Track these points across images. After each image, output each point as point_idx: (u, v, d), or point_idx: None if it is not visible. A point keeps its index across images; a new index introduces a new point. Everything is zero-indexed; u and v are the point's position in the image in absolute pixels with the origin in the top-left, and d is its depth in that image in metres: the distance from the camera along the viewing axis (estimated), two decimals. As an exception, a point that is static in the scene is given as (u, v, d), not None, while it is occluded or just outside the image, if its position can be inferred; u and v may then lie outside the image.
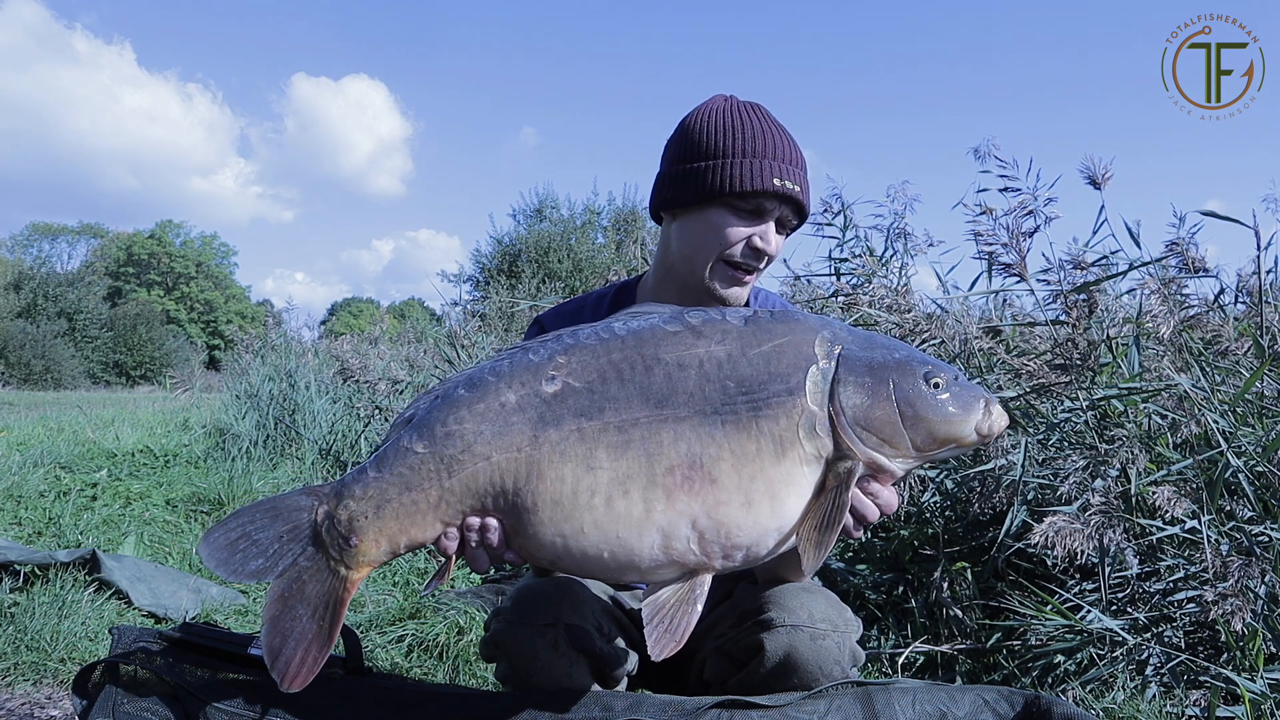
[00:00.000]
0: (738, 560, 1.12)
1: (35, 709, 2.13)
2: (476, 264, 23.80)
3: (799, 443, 1.11)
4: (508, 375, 1.16)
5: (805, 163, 1.59)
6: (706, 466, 1.09)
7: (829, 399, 1.13)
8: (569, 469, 1.10)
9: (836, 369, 1.15)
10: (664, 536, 1.10)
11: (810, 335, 1.18)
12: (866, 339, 1.20)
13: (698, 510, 1.09)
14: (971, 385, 1.18)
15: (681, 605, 1.11)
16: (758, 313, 1.21)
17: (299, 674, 1.16)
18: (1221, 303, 2.82)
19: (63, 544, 3.70)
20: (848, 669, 1.43)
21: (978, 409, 1.16)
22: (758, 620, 1.43)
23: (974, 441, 1.17)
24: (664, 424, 1.10)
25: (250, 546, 1.17)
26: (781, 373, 1.13)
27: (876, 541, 2.77)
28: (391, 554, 1.18)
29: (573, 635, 1.45)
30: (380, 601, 3.04)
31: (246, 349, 7.89)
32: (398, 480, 1.15)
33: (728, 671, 1.50)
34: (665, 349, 1.14)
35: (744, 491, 1.09)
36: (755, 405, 1.11)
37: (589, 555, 1.12)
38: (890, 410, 1.13)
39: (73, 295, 47.52)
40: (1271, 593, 1.94)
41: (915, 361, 1.18)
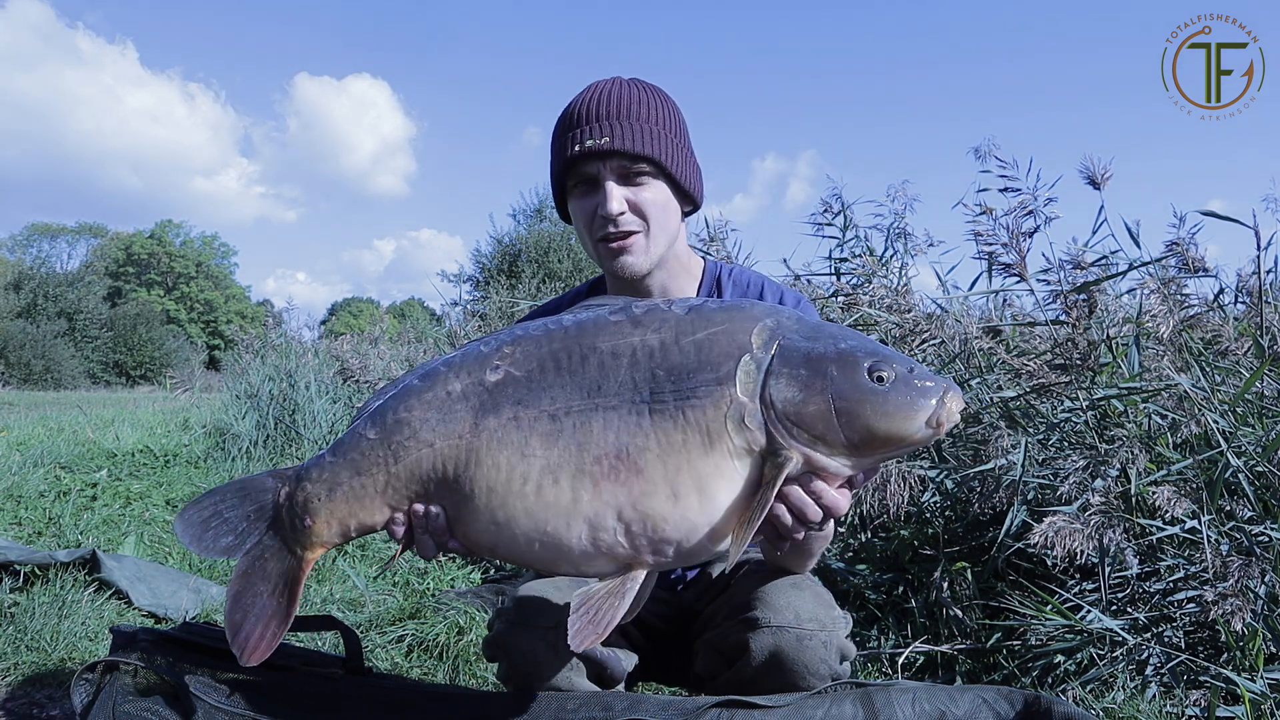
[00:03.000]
0: (669, 555, 1.09)
1: (35, 709, 2.13)
2: (477, 264, 23.82)
3: (727, 435, 1.06)
4: (457, 365, 1.17)
5: (637, 111, 1.51)
6: (633, 456, 1.06)
7: (760, 390, 1.07)
8: (504, 456, 1.10)
9: (772, 359, 1.09)
10: (591, 527, 1.07)
11: (750, 324, 1.11)
12: (815, 329, 1.13)
13: (623, 501, 1.06)
14: (925, 377, 1.08)
15: (609, 598, 1.08)
16: (707, 302, 1.16)
17: (257, 648, 1.19)
18: (1221, 303, 2.82)
19: (63, 544, 3.70)
20: (835, 666, 1.43)
21: (926, 405, 1.07)
22: (744, 619, 1.44)
23: (925, 438, 1.08)
24: (595, 413, 1.08)
25: (221, 524, 1.21)
26: (712, 361, 1.09)
27: (876, 541, 2.77)
28: (343, 536, 1.20)
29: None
30: (380, 601, 3.04)
31: (246, 349, 7.88)
32: (349, 465, 1.18)
33: (718, 667, 1.51)
34: (602, 338, 1.12)
35: (670, 483, 1.06)
36: (683, 395, 1.07)
37: (521, 544, 1.11)
38: (824, 405, 1.06)
39: (73, 295, 47.51)
40: (1271, 593, 1.94)
41: (861, 353, 1.09)
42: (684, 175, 1.55)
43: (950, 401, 1.07)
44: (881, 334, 3.05)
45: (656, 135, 1.51)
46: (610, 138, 1.48)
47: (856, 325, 3.20)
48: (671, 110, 1.56)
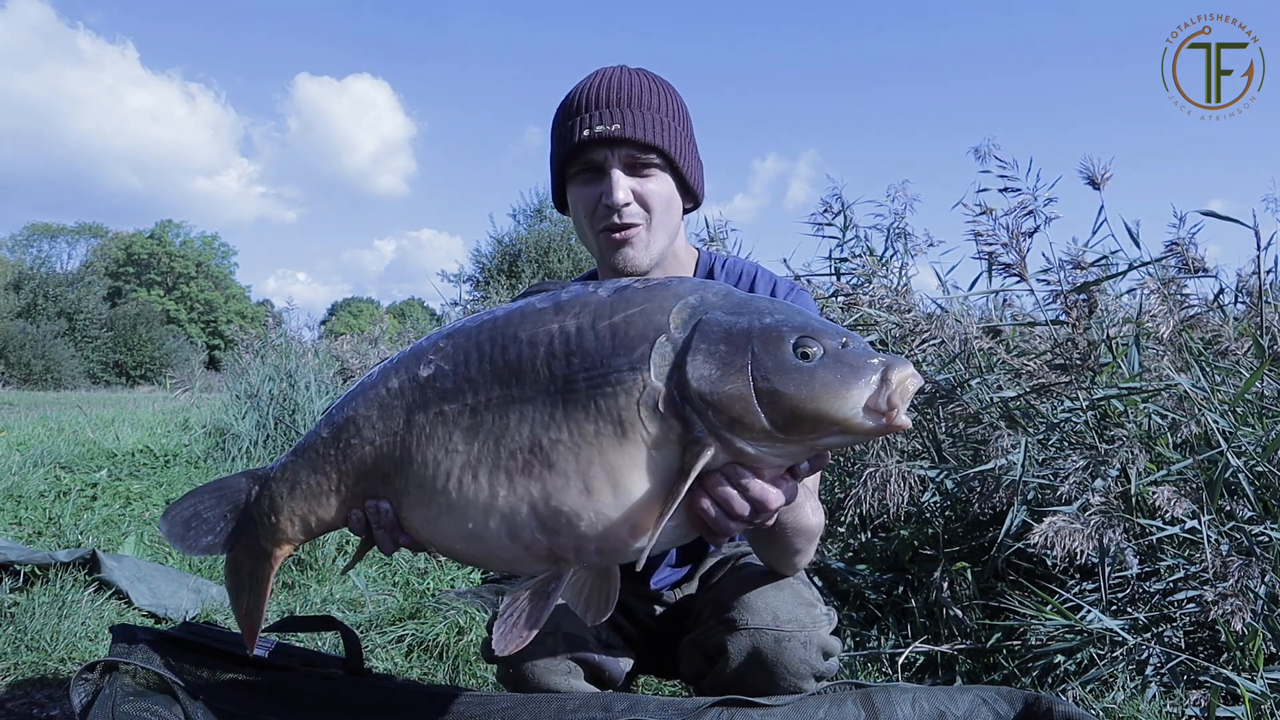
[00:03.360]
0: (590, 553, 1.01)
1: (35, 709, 2.13)
2: (477, 264, 23.81)
3: (640, 423, 0.97)
4: (399, 361, 1.15)
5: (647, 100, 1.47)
6: (545, 450, 1.00)
7: (675, 372, 0.97)
8: (431, 452, 1.07)
9: (689, 338, 0.98)
10: (508, 524, 1.02)
11: (670, 302, 1.02)
12: (742, 304, 1.02)
13: (537, 497, 1.00)
14: (862, 354, 0.96)
15: (534, 598, 1.03)
16: (634, 282, 1.08)
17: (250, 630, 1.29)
18: (1221, 303, 2.82)
19: (63, 544, 3.70)
20: (817, 665, 1.44)
21: (862, 383, 0.92)
22: (723, 620, 1.45)
23: (862, 423, 0.93)
24: (511, 405, 1.03)
25: (201, 524, 1.25)
26: (627, 345, 0.99)
27: (876, 541, 2.77)
28: (306, 534, 1.22)
29: (571, 644, 1.46)
30: (380, 602, 3.04)
31: (246, 349, 7.88)
32: (306, 463, 1.19)
33: (702, 667, 1.52)
34: (524, 327, 1.06)
35: (583, 477, 0.98)
36: (595, 382, 0.99)
37: (450, 541, 1.08)
38: (742, 384, 0.94)
39: (73, 295, 47.53)
40: (1271, 593, 1.94)
41: (788, 327, 0.97)
42: (689, 170, 1.52)
43: (895, 380, 0.92)
44: (881, 334, 3.05)
45: (666, 126, 1.47)
46: (621, 125, 1.43)
47: (856, 325, 3.20)
48: (679, 103, 1.53)
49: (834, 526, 2.93)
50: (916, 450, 2.84)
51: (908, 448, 2.85)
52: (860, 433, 0.95)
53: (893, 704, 1.39)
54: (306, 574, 3.36)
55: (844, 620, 2.54)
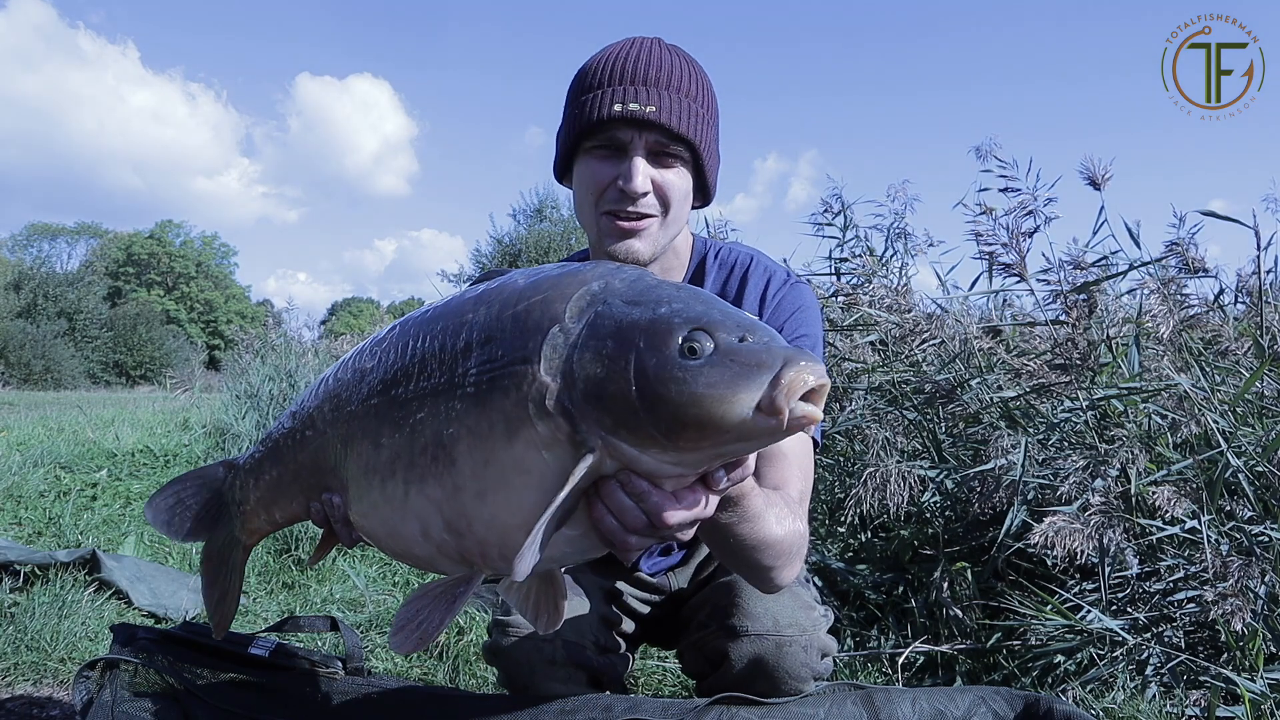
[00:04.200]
0: (493, 559, 0.93)
1: (35, 709, 2.13)
2: (476, 264, 23.84)
3: (529, 422, 0.87)
4: (354, 354, 1.12)
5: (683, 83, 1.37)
6: (448, 447, 0.93)
7: (564, 367, 0.87)
8: (364, 446, 1.03)
9: (582, 331, 0.88)
10: (421, 524, 0.97)
11: (571, 289, 0.91)
12: (645, 291, 0.90)
13: (440, 497, 0.94)
14: (760, 349, 0.82)
15: (436, 602, 0.97)
16: (556, 266, 1.00)
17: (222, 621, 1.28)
18: (1221, 303, 2.82)
19: (63, 544, 3.70)
20: (816, 666, 1.44)
21: (750, 384, 0.79)
22: (724, 625, 1.45)
23: (760, 426, 0.79)
24: (425, 399, 0.96)
25: (184, 511, 1.27)
26: (522, 337, 0.90)
27: (876, 541, 2.77)
28: (271, 525, 1.23)
29: (570, 651, 1.47)
30: (380, 602, 3.04)
31: (246, 349, 7.89)
32: (269, 455, 1.20)
33: (704, 669, 1.52)
34: (446, 318, 0.99)
35: (479, 478, 0.91)
36: (491, 376, 0.91)
37: (378, 537, 1.05)
38: (624, 385, 0.83)
39: (73, 295, 47.56)
40: (1271, 593, 1.94)
41: (679, 319, 0.84)
42: (710, 168, 1.44)
43: (791, 380, 0.78)
44: (881, 334, 3.05)
45: (700, 119, 1.38)
46: (657, 108, 1.33)
47: (856, 325, 3.20)
48: (713, 94, 1.44)
49: (834, 527, 2.93)
50: (916, 450, 2.84)
51: (908, 448, 2.85)
52: (756, 438, 0.82)
53: (893, 703, 1.39)
54: (306, 574, 3.36)
55: (844, 620, 2.54)
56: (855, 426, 2.96)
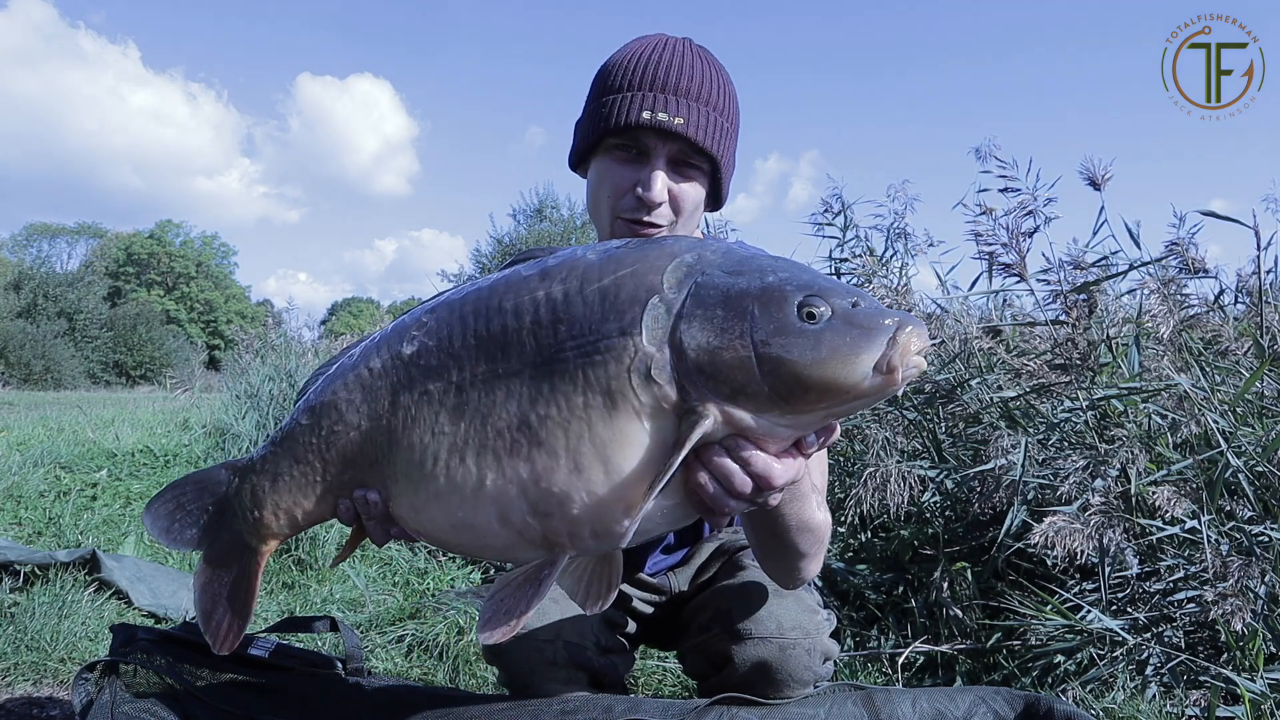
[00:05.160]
0: (585, 537, 0.94)
1: (35, 709, 2.13)
2: (476, 264, 23.84)
3: (632, 393, 0.89)
4: (380, 339, 1.07)
5: (712, 95, 1.39)
6: (534, 428, 0.92)
7: (670, 337, 0.89)
8: (418, 435, 0.99)
9: (685, 300, 0.90)
10: (499, 509, 0.95)
11: (664, 261, 0.93)
12: (743, 262, 0.93)
13: (526, 478, 0.93)
14: (874, 313, 0.88)
15: (523, 586, 0.96)
16: (628, 243, 1.00)
17: (228, 637, 1.15)
18: (1221, 303, 2.82)
19: (63, 544, 3.70)
20: (819, 669, 1.44)
21: (870, 346, 0.85)
22: (727, 628, 1.44)
23: (874, 386, 0.86)
24: (498, 380, 0.95)
25: (185, 517, 1.18)
26: (617, 309, 0.91)
27: (876, 541, 2.77)
28: (292, 527, 1.15)
29: (571, 652, 1.46)
30: (380, 602, 3.04)
31: (246, 349, 7.89)
32: (287, 454, 1.11)
33: (707, 671, 1.52)
34: (509, 296, 0.97)
35: (572, 455, 0.90)
36: (584, 351, 0.91)
37: (440, 530, 1.01)
38: (742, 350, 0.86)
39: (73, 295, 47.57)
40: (1271, 593, 1.94)
41: (791, 286, 0.88)
42: (726, 179, 1.47)
43: (905, 341, 0.85)
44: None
45: (724, 132, 1.41)
46: (685, 120, 1.35)
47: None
48: (737, 103, 1.45)
49: (834, 526, 2.93)
50: (916, 450, 2.84)
51: (908, 448, 2.85)
52: (870, 397, 0.88)
53: (893, 703, 1.39)
54: (306, 574, 3.36)
55: (844, 620, 2.54)
56: (855, 426, 2.96)
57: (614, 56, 1.45)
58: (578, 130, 1.51)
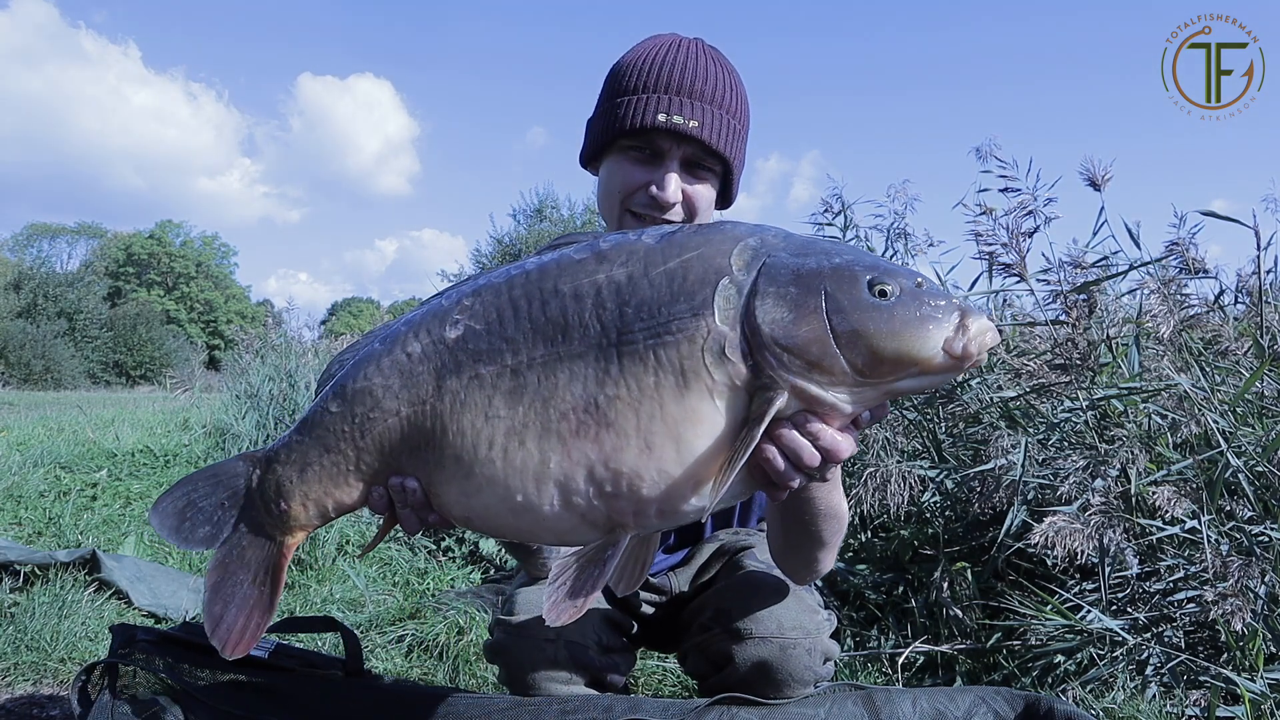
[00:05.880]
0: (652, 515, 0.96)
1: (35, 709, 2.13)
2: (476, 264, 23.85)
3: (705, 371, 0.92)
4: (417, 323, 1.06)
5: (724, 98, 1.42)
6: (602, 408, 0.94)
7: (743, 316, 0.93)
8: (469, 420, 0.99)
9: (755, 280, 0.94)
10: (563, 491, 0.96)
11: (729, 244, 0.97)
12: (805, 245, 0.98)
13: (594, 459, 0.94)
14: (936, 295, 0.94)
15: (587, 565, 0.97)
16: (683, 227, 1.02)
17: (240, 641, 1.10)
18: (1221, 303, 2.82)
19: (63, 544, 3.70)
20: (819, 669, 1.44)
21: (944, 322, 0.91)
22: (728, 628, 1.44)
23: (943, 364, 0.92)
24: (559, 363, 0.96)
25: (196, 514, 1.13)
26: (686, 291, 0.94)
27: (876, 541, 2.77)
28: (322, 518, 1.12)
29: (572, 651, 1.47)
30: (380, 602, 3.04)
31: (246, 349, 7.89)
32: (316, 442, 1.09)
33: (707, 670, 1.52)
34: (565, 279, 0.99)
35: (643, 434, 0.93)
36: (654, 332, 0.94)
37: (494, 515, 1.01)
38: (818, 325, 0.91)
39: (73, 295, 47.58)
40: (1271, 593, 1.94)
41: (860, 266, 0.94)
42: (736, 180, 1.49)
43: (972, 325, 0.91)
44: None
45: (736, 135, 1.43)
46: (700, 124, 1.38)
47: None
48: (748, 104, 1.48)
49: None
50: (916, 450, 2.84)
51: (908, 448, 2.85)
52: (937, 373, 0.93)
53: (893, 703, 1.39)
54: (306, 574, 3.36)
55: (844, 620, 2.54)
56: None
57: (627, 56, 1.47)
58: (590, 129, 1.52)
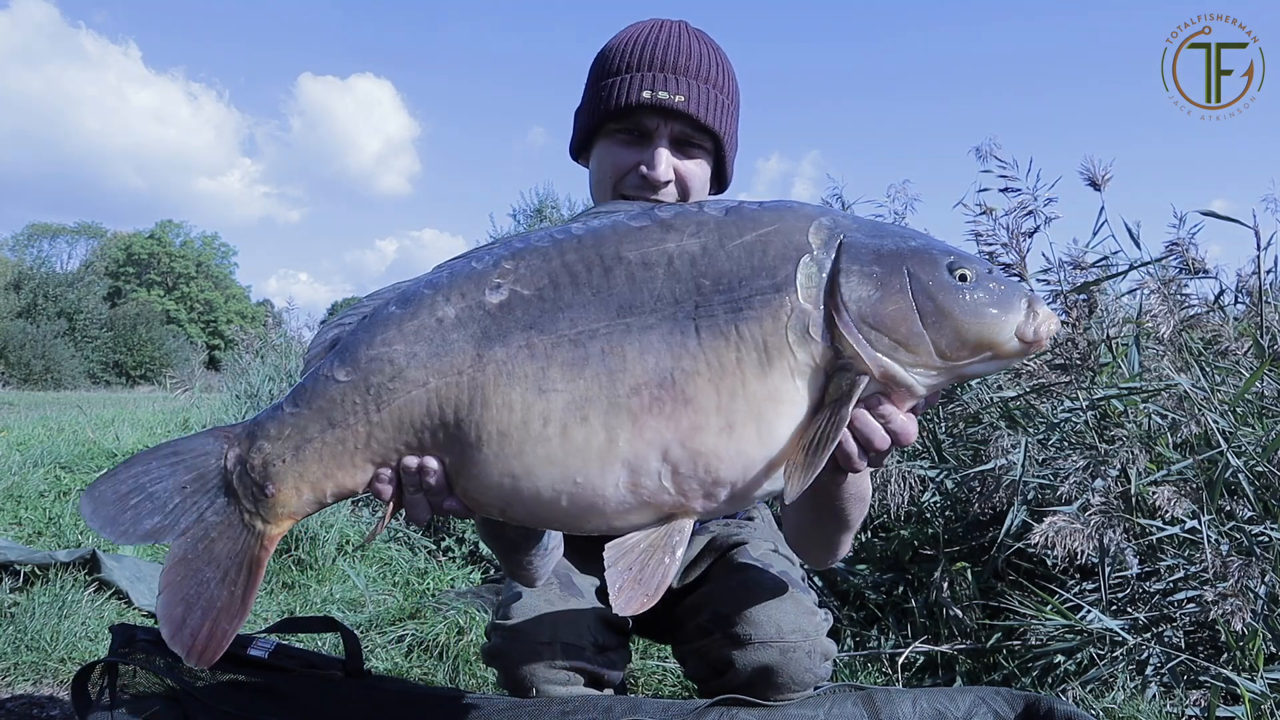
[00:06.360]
0: (721, 499, 0.92)
1: (35, 709, 2.13)
2: (476, 264, 23.78)
3: (788, 350, 0.90)
4: (446, 287, 0.96)
5: (711, 73, 1.39)
6: (679, 384, 0.89)
7: (826, 294, 0.91)
8: (518, 393, 0.91)
9: (836, 258, 0.93)
10: (631, 472, 0.90)
11: (804, 222, 0.95)
12: (875, 227, 0.98)
13: (670, 438, 0.89)
14: (1011, 279, 0.97)
15: (654, 551, 0.91)
16: (743, 203, 1.00)
17: (206, 648, 0.96)
18: (1221, 303, 2.82)
19: (63, 544, 3.69)
20: (819, 670, 1.44)
21: (1018, 307, 0.93)
22: (727, 633, 1.44)
23: (1014, 350, 0.93)
24: (628, 334, 0.90)
25: (144, 501, 0.97)
26: (767, 266, 0.92)
27: (876, 541, 2.77)
28: (317, 504, 0.99)
29: (569, 652, 1.47)
30: (380, 602, 3.04)
31: (246, 349, 7.88)
32: (318, 415, 0.96)
33: (707, 674, 1.52)
34: (628, 246, 0.94)
35: (724, 413, 0.89)
36: (735, 306, 0.90)
37: (543, 498, 0.92)
38: (905, 305, 0.91)
39: (73, 295, 47.59)
40: (1271, 593, 1.94)
41: (937, 249, 0.95)
42: (730, 157, 1.46)
43: (1040, 311, 0.94)
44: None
45: (725, 110, 1.40)
46: (686, 98, 1.35)
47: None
48: (736, 81, 1.45)
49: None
50: (916, 450, 2.84)
51: (908, 448, 2.84)
52: (1007, 358, 0.95)
53: (893, 703, 1.39)
54: (306, 574, 3.36)
55: (844, 620, 2.54)
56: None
57: (610, 42, 1.46)
58: (577, 118, 1.50)
